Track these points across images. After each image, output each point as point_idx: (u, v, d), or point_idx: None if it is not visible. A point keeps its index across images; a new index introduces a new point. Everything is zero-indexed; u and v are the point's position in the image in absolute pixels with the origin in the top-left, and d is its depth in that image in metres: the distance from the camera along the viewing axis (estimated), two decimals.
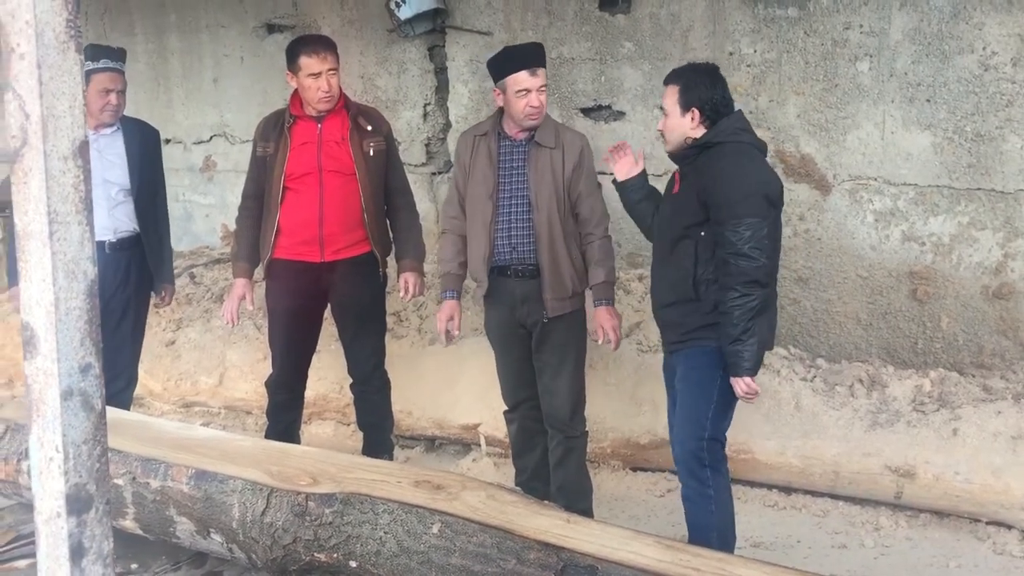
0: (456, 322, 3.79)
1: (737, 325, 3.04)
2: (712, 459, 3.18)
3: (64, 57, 1.63)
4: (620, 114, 4.91)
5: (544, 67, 3.61)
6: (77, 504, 1.71)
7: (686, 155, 3.22)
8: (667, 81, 3.28)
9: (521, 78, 3.53)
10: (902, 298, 4.41)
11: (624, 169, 3.50)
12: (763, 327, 3.12)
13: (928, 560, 3.63)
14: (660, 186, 4.85)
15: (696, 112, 3.18)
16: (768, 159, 4.53)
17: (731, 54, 4.55)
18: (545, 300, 3.62)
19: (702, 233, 3.13)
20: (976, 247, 4.24)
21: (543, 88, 3.57)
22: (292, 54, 3.91)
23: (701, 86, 3.18)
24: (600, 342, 3.67)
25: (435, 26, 5.35)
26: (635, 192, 3.50)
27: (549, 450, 3.82)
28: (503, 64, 3.61)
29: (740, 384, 3.10)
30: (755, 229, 3.02)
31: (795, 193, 4.53)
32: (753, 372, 3.10)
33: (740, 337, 3.04)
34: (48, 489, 1.72)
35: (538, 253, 3.61)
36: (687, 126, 3.20)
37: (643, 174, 3.52)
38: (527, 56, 3.60)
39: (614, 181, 3.54)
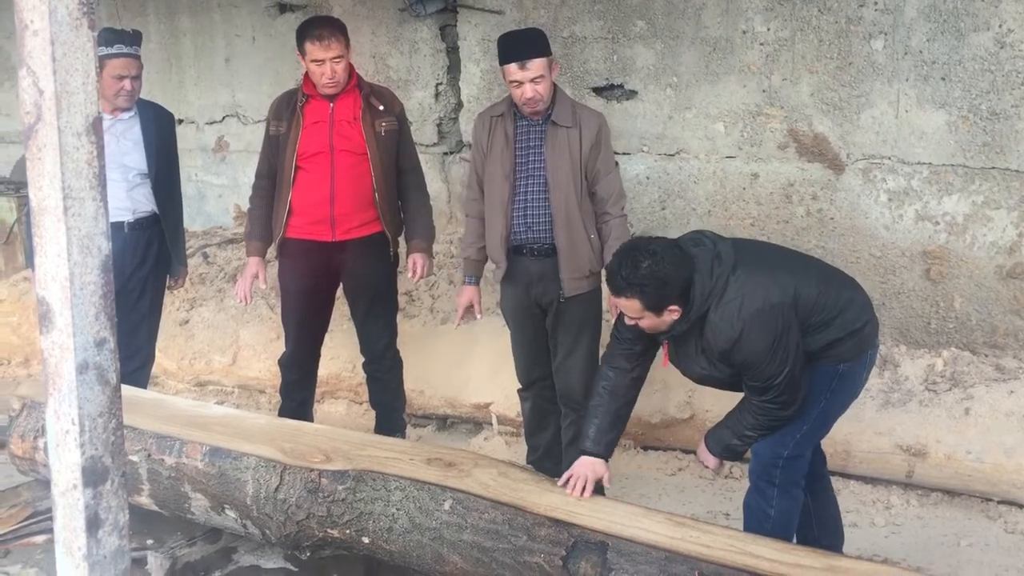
0: (476, 307, 3.82)
1: (738, 430, 2.99)
2: (784, 479, 3.00)
3: (77, 33, 1.64)
4: (632, 93, 4.89)
5: (541, 56, 3.50)
6: (93, 476, 1.74)
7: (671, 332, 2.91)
8: (618, 293, 2.81)
9: (511, 70, 3.50)
10: (915, 278, 4.39)
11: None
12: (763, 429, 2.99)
13: (939, 539, 3.64)
14: (671, 164, 4.83)
15: (675, 306, 2.81)
16: (782, 138, 4.55)
17: (744, 32, 4.52)
18: (562, 279, 3.61)
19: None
20: (990, 226, 4.21)
21: (538, 79, 3.48)
22: (299, 37, 3.90)
23: (657, 288, 2.75)
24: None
25: (447, 5, 5.33)
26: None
27: (562, 428, 3.83)
28: (499, 52, 3.58)
29: (705, 454, 3.09)
30: (781, 382, 2.84)
31: (808, 172, 4.51)
32: (719, 457, 3.08)
33: (737, 436, 3.00)
34: (64, 461, 1.75)
35: (555, 232, 3.59)
36: (671, 320, 2.84)
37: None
38: (517, 48, 3.52)
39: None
